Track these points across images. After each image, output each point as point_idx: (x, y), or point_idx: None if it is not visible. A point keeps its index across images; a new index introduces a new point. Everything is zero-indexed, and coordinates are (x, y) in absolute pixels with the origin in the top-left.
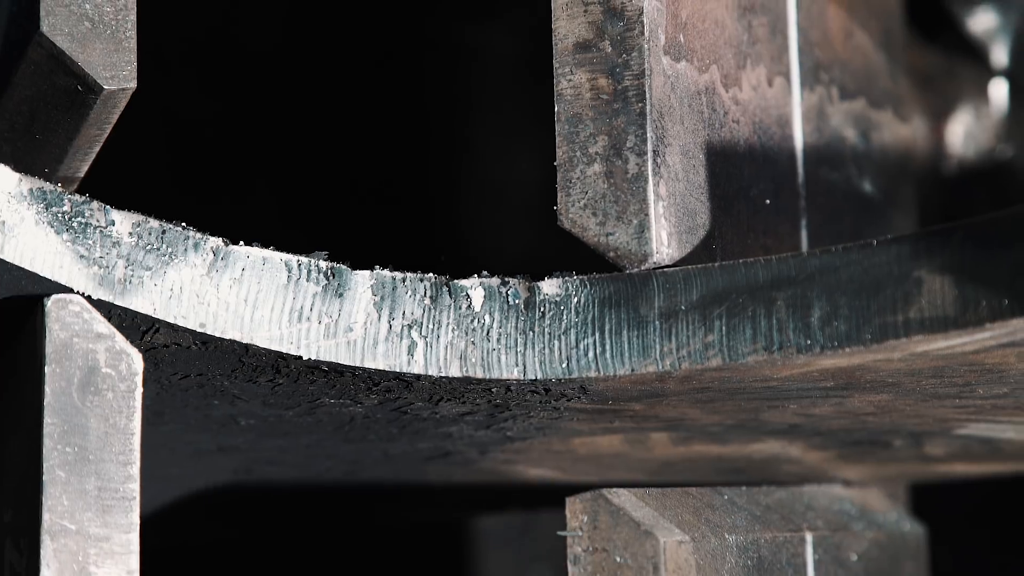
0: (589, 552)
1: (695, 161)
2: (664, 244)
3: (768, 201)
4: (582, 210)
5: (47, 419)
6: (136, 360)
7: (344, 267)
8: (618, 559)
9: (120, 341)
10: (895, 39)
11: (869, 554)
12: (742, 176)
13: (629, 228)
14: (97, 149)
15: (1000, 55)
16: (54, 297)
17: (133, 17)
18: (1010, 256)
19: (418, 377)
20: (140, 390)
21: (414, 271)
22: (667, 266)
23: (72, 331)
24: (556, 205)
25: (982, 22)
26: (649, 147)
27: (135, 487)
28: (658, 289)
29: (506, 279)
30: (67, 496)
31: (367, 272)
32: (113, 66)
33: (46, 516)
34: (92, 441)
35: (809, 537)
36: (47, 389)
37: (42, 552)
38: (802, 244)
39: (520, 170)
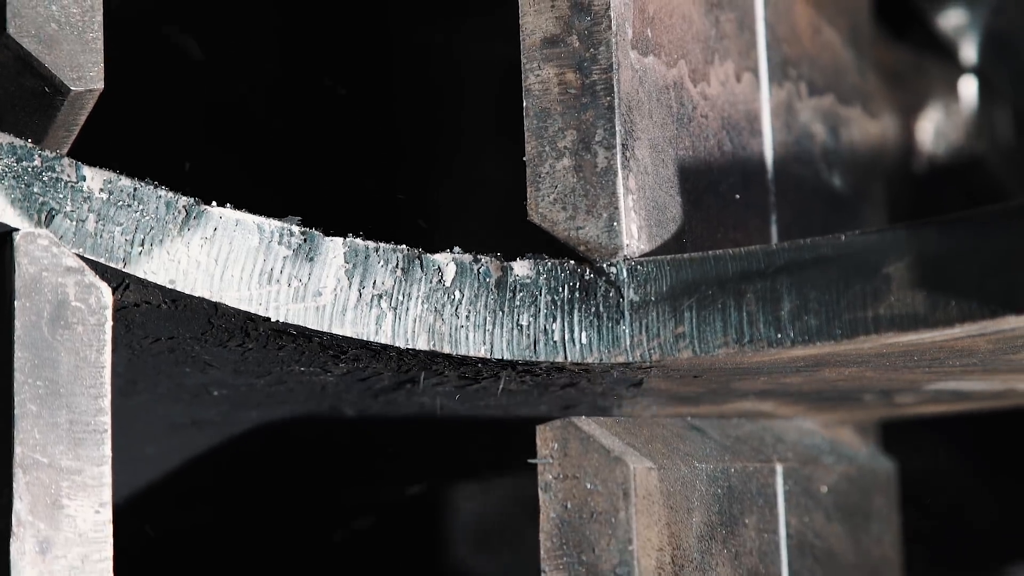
0: (560, 479)
1: (664, 155)
2: (634, 238)
3: (738, 196)
4: (551, 204)
5: (17, 353)
6: (106, 293)
7: (317, 232)
8: (588, 486)
9: (89, 275)
10: (863, 36)
11: (839, 487)
12: (711, 171)
13: (599, 222)
14: (66, 151)
15: (969, 52)
16: (22, 232)
17: (100, 18)
18: (980, 255)
19: (385, 347)
20: (110, 323)
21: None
22: (636, 259)
23: (41, 265)
24: (526, 200)
25: (951, 19)
26: (618, 141)
27: (106, 420)
28: (629, 279)
29: (478, 256)
30: (38, 429)
31: (340, 239)
32: (80, 67)
33: (18, 449)
34: (63, 375)
35: (779, 468)
36: (17, 323)
37: (15, 485)
38: (772, 239)
39: (491, 171)
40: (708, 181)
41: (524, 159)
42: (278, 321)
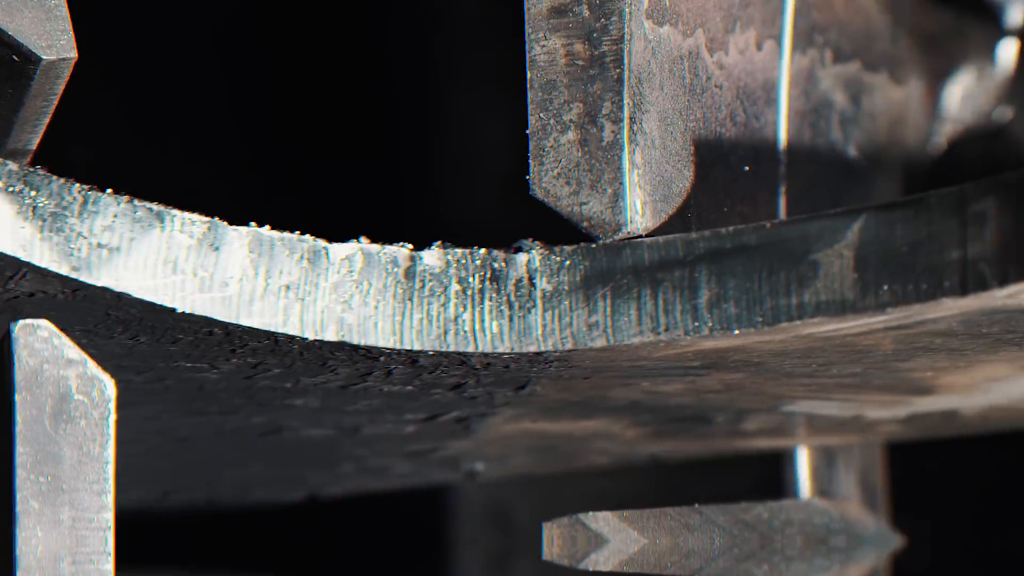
0: None
1: (673, 128)
2: (638, 213)
3: (747, 167)
4: (555, 179)
5: (19, 449)
6: (108, 386)
7: (219, 222)
8: None
9: (91, 367)
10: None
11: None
12: (721, 142)
13: (603, 197)
14: (46, 121)
15: (1016, 14)
16: (21, 323)
17: None
18: (915, 240)
19: (292, 339)
20: (113, 416)
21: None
22: (638, 236)
23: (42, 357)
24: (528, 175)
25: None
26: (625, 114)
27: (109, 516)
28: (542, 267)
29: (386, 246)
30: (41, 527)
31: (243, 228)
32: (48, 35)
33: (20, 548)
34: (65, 470)
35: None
36: (18, 418)
37: None
38: (779, 211)
39: (490, 136)
40: (718, 153)
41: (527, 132)
42: (184, 312)
